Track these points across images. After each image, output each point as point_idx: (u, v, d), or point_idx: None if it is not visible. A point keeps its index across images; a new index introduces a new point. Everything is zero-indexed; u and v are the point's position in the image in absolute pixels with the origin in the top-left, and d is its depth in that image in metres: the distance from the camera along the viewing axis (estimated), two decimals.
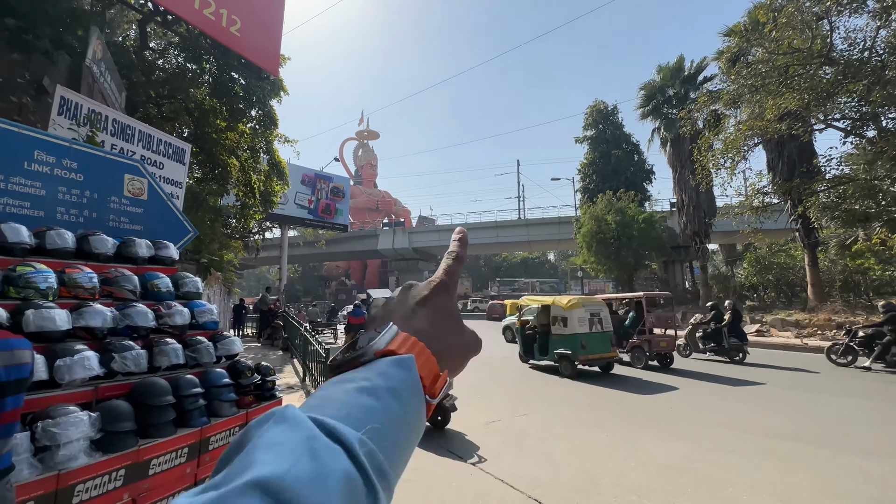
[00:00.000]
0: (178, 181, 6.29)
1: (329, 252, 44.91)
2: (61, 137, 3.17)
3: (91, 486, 1.84)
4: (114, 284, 2.67)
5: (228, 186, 12.19)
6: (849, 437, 4.52)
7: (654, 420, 5.19)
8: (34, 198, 2.84)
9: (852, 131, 12.12)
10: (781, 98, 11.10)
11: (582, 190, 28.77)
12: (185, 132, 11.61)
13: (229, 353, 2.99)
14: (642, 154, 27.83)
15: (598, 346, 8.17)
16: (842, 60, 10.29)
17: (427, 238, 44.58)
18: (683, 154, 21.47)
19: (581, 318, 8.21)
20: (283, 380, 6.85)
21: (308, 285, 59.71)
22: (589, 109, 28.98)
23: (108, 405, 2.06)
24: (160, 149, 6.00)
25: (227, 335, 3.10)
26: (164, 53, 11.87)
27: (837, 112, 11.77)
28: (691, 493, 3.21)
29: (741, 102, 12.82)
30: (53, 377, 1.99)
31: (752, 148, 14.27)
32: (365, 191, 59.78)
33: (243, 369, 2.87)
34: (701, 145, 15.15)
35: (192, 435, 2.34)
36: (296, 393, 6.14)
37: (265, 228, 21.74)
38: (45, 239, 2.54)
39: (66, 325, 2.18)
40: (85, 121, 4.69)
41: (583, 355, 7.94)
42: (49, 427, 1.75)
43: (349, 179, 28.90)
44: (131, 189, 3.51)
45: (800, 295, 18.10)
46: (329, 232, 29.73)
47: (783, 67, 10.91)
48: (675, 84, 22.88)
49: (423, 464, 3.81)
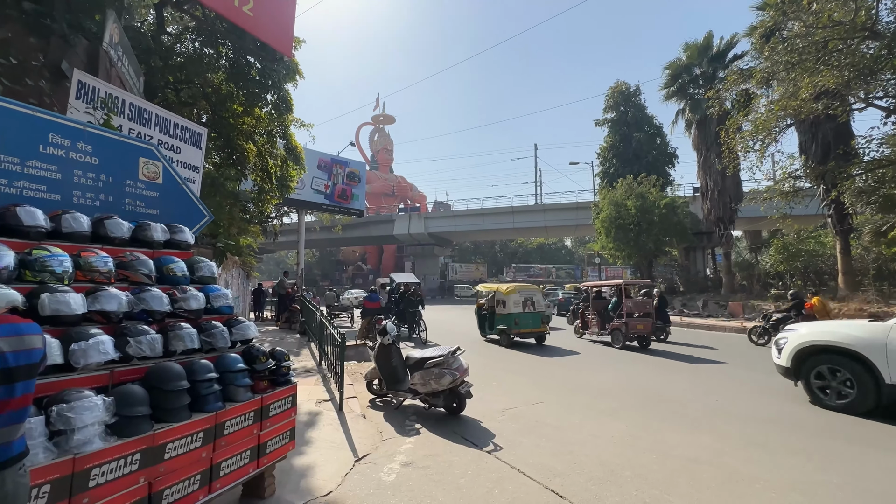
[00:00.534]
0: (195, 165, 6.30)
1: (345, 237, 45.31)
2: (76, 120, 3.15)
3: (106, 469, 1.84)
4: (129, 268, 2.66)
5: (246, 171, 12.26)
6: (874, 432, 4.31)
7: (674, 410, 5.05)
8: (50, 181, 2.84)
9: (895, 110, 11.37)
10: (819, 75, 10.44)
11: (601, 174, 28.07)
12: (204, 118, 11.67)
13: (244, 338, 2.98)
14: (665, 137, 26.91)
15: (529, 323, 10.41)
16: (888, 33, 9.59)
17: (443, 223, 44.46)
18: (709, 136, 20.65)
19: (516, 301, 10.37)
20: (300, 363, 6.94)
21: (325, 270, 60.55)
22: (610, 91, 28.05)
23: (123, 389, 2.05)
24: (177, 133, 6.01)
25: (241, 320, 3.09)
26: (181, 38, 11.86)
27: (880, 90, 11.05)
28: (716, 488, 3.10)
29: (774, 81, 12.14)
30: (69, 361, 1.98)
31: (784, 129, 13.58)
32: (381, 176, 59.72)
33: (258, 354, 2.85)
34: (729, 127, 14.48)
35: (207, 420, 2.33)
36: (312, 377, 6.21)
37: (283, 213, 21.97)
38: (61, 222, 2.53)
39: (82, 308, 2.17)
40: (101, 104, 4.69)
41: (516, 330, 10.28)
42: (64, 411, 1.74)
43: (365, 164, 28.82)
44: (146, 173, 3.49)
45: (829, 283, 17.40)
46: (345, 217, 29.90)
47: (822, 42, 10.23)
48: (702, 63, 21.85)
49: (438, 451, 3.79)
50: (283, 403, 2.92)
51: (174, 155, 5.92)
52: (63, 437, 1.75)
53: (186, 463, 2.21)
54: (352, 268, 57.95)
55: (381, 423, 4.55)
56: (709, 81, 21.31)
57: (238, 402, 2.58)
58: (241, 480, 2.62)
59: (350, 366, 7.34)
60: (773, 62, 11.39)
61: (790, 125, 13.75)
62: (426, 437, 4.15)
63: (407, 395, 4.92)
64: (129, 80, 7.56)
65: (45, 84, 5.48)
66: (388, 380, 5.05)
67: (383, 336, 5.07)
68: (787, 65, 10.96)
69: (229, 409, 2.49)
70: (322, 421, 4.42)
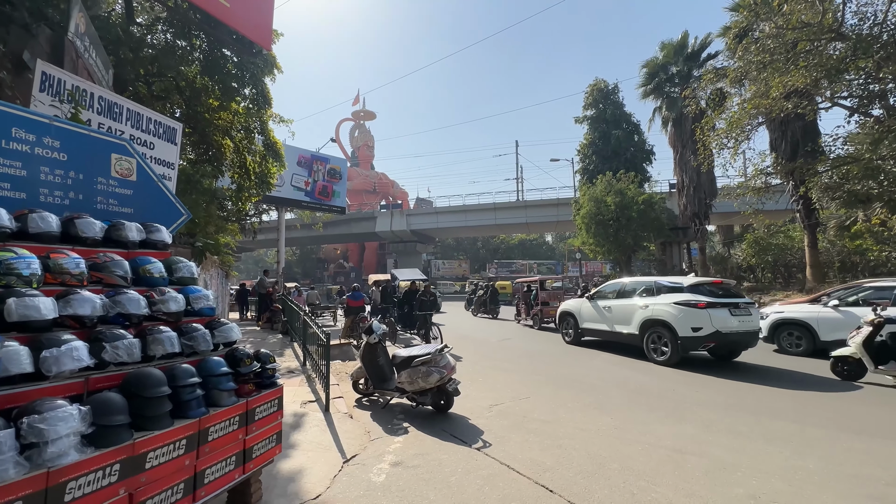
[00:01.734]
0: (170, 162, 6.07)
1: (327, 234, 44.70)
2: (41, 114, 2.98)
3: (84, 482, 1.75)
4: (103, 270, 2.53)
5: (223, 168, 11.91)
6: (846, 418, 4.52)
7: (658, 402, 5.17)
8: (14, 178, 2.68)
9: (858, 110, 11.88)
10: (788, 75, 10.81)
11: (581, 171, 28.44)
12: (178, 112, 11.27)
13: (227, 340, 2.88)
14: (643, 134, 27.43)
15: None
16: (853, 35, 9.99)
17: (425, 220, 44.36)
18: (685, 134, 21.17)
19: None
20: (284, 364, 6.80)
21: (306, 268, 59.61)
22: (589, 88, 28.39)
23: (100, 398, 1.95)
24: (150, 128, 5.77)
25: (224, 322, 2.99)
26: (152, 29, 11.38)
27: (845, 90, 11.51)
28: (700, 477, 3.18)
29: (746, 80, 12.51)
30: (40, 369, 1.87)
31: (756, 127, 14.02)
32: (362, 172, 59.06)
33: (242, 357, 2.76)
34: (704, 125, 14.88)
35: (190, 426, 2.24)
36: (296, 377, 6.09)
37: (262, 211, 21.48)
38: (28, 222, 2.39)
39: (53, 313, 2.05)
40: (68, 97, 4.46)
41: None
42: (35, 423, 1.64)
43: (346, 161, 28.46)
44: (119, 169, 3.34)
45: (797, 276, 18.13)
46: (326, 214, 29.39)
47: (792, 43, 10.59)
48: (678, 62, 22.36)
49: (427, 449, 3.77)
50: (268, 407, 2.84)
51: (147, 151, 5.69)
52: (35, 451, 1.64)
53: (169, 472, 2.12)
54: (333, 266, 57.19)
55: (369, 422, 4.50)
56: (684, 80, 21.83)
57: (222, 406, 2.49)
58: (227, 487, 2.53)
59: (335, 365, 7.24)
60: (745, 62, 11.74)
61: (761, 123, 14.19)
62: (415, 435, 4.12)
63: (394, 394, 4.88)
64: (97, 73, 7.21)
65: (6, 76, 5.18)
66: (375, 379, 4.99)
67: (369, 335, 5.01)
68: (758, 65, 11.31)
69: (213, 414, 2.40)
70: (308, 422, 4.34)
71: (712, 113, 14.96)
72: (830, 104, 12.33)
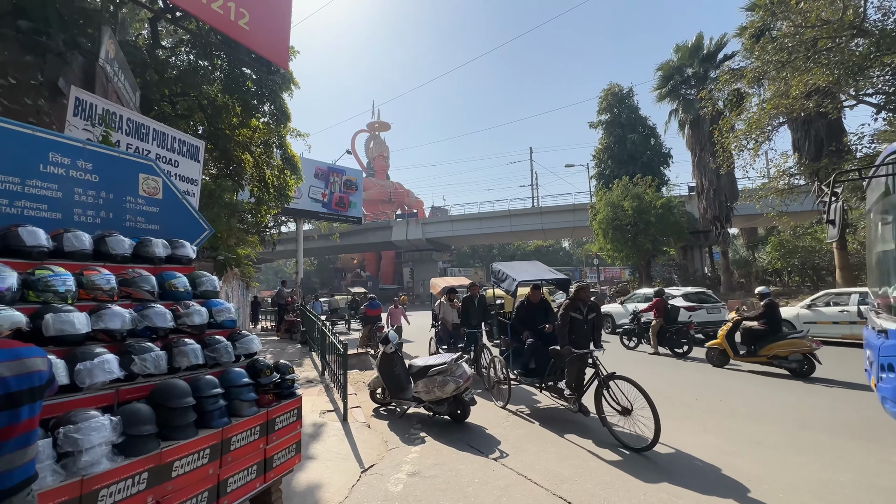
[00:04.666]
0: (193, 179, 6.31)
1: (344, 244, 45.25)
2: (75, 138, 3.16)
3: (115, 490, 1.83)
4: (132, 285, 2.66)
5: (243, 182, 12.29)
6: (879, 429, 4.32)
7: (678, 410, 5.05)
8: (51, 200, 2.84)
9: (885, 106, 11.49)
10: (809, 74, 10.55)
11: (597, 176, 28.17)
12: (200, 130, 11.71)
13: (248, 352, 2.98)
14: (659, 137, 27.08)
15: None
16: (876, 31, 9.71)
17: (440, 228, 44.48)
18: (703, 136, 20.81)
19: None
20: (303, 374, 6.91)
21: (324, 278, 60.40)
22: (603, 93, 28.22)
23: (129, 408, 2.05)
24: (175, 147, 6.02)
25: (245, 333, 3.08)
26: (175, 51, 11.91)
27: (870, 87, 11.16)
28: (724, 490, 3.09)
29: (765, 80, 12.26)
30: (74, 381, 1.98)
31: (777, 127, 13.69)
32: (377, 182, 59.80)
33: (262, 368, 2.85)
34: (722, 126, 14.61)
35: (213, 436, 2.32)
36: (315, 387, 6.18)
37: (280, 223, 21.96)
38: (63, 241, 2.53)
39: (86, 327, 2.17)
40: (99, 121, 4.70)
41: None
42: (71, 433, 1.73)
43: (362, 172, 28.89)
44: (146, 188, 3.50)
45: (826, 279, 17.48)
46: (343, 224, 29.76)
47: (811, 41, 10.35)
48: (693, 63, 22.08)
49: (444, 459, 3.78)
50: (288, 416, 2.91)
51: (172, 168, 5.93)
52: (70, 459, 1.74)
53: (194, 480, 2.19)
54: (350, 275, 57.83)
55: (386, 432, 4.54)
56: (700, 82, 21.50)
57: (243, 416, 2.57)
58: (249, 496, 2.60)
59: (352, 374, 7.31)
60: (763, 61, 11.51)
61: (782, 123, 13.85)
62: (431, 445, 4.14)
63: (411, 404, 4.91)
64: (125, 95, 7.57)
65: (44, 103, 5.49)
66: (392, 388, 5.03)
67: (385, 344, 5.06)
68: (777, 64, 11.08)
69: (235, 424, 2.48)
70: (327, 432, 4.41)
71: (730, 114, 14.68)
72: (856, 102, 11.95)
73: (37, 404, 1.32)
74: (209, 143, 11.20)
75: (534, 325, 5.47)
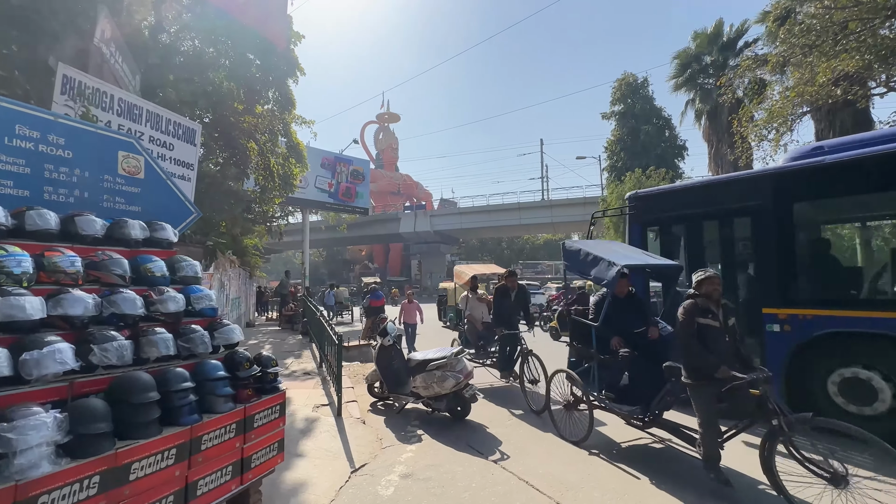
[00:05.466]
0: (188, 163, 6.12)
1: (352, 236, 45.25)
2: (44, 111, 2.95)
3: (58, 496, 1.62)
4: (101, 269, 2.45)
5: (248, 171, 12.14)
6: None
7: None
8: (17, 176, 2.64)
9: None
10: (837, 59, 9.97)
11: (609, 168, 27.54)
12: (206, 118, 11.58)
13: (228, 342, 2.77)
14: (674, 129, 26.32)
15: None
16: None
17: (449, 221, 44.19)
18: (721, 127, 20.12)
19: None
20: (301, 365, 6.73)
21: (332, 269, 60.60)
22: (617, 83, 27.47)
23: (80, 404, 1.83)
24: (169, 129, 5.83)
25: (226, 323, 2.87)
26: (180, 36, 11.72)
27: None
28: (745, 491, 2.82)
29: (789, 67, 11.66)
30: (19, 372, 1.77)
31: (800, 117, 13.07)
32: (386, 174, 59.55)
33: (241, 360, 2.63)
34: (741, 116, 14.01)
35: (180, 434, 2.11)
36: (312, 379, 6.00)
37: (287, 213, 21.87)
38: (25, 220, 2.33)
39: (40, 313, 1.96)
40: (77, 97, 4.50)
41: None
42: (4, 432, 1.53)
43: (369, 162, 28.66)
44: (126, 167, 3.29)
45: None
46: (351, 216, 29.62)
47: (841, 24, 9.76)
48: (712, 51, 21.28)
49: (440, 460, 3.55)
50: (269, 413, 2.70)
51: (166, 151, 5.75)
52: (4, 462, 1.53)
53: (156, 483, 1.99)
54: (359, 267, 57.88)
55: (382, 428, 4.33)
56: (719, 70, 20.73)
57: (217, 413, 2.36)
58: (224, 498, 2.39)
59: (353, 367, 7.14)
60: (789, 45, 10.93)
61: (806, 112, 13.21)
62: (428, 444, 3.92)
63: (409, 399, 4.69)
64: (123, 78, 7.39)
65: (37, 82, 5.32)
66: (390, 382, 4.82)
67: (383, 336, 4.84)
68: (803, 48, 10.50)
69: (207, 421, 2.27)
70: (319, 428, 4.21)
71: (749, 103, 14.08)
72: (886, 89, 11.32)
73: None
74: (214, 130, 11.07)
75: (625, 327, 3.87)
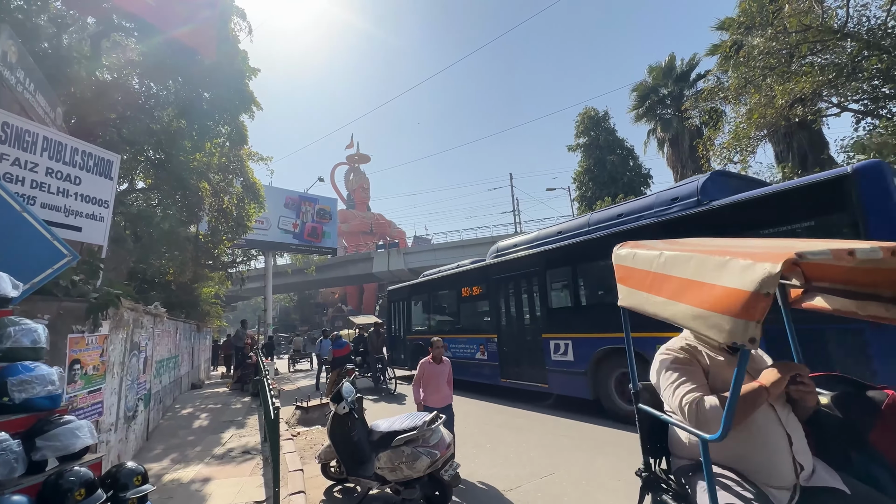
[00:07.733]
0: (102, 199, 5.12)
1: (324, 278, 43.60)
2: None
3: None
4: None
5: (201, 213, 11.10)
6: None
7: None
8: None
9: (870, 112, 11.19)
10: (792, 82, 10.19)
11: (579, 199, 27.80)
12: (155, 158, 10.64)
13: (66, 452, 1.77)
14: (638, 158, 27.04)
15: None
16: (863, 34, 9.43)
17: (423, 258, 43.35)
18: (684, 154, 20.66)
19: None
20: (241, 440, 5.47)
21: (305, 313, 58.05)
22: (580, 117, 28.31)
23: None
24: (76, 160, 4.86)
25: (69, 419, 1.87)
26: (123, 72, 10.89)
27: (853, 92, 10.87)
28: None
29: (751, 88, 11.93)
30: None
31: (761, 140, 13.34)
32: (358, 214, 58.89)
33: (72, 486, 1.63)
34: (704, 141, 14.23)
35: None
36: (251, 460, 4.77)
37: (250, 257, 20.51)
38: None
39: None
40: None
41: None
42: None
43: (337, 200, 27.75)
44: None
45: None
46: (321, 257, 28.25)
47: (795, 45, 10.04)
48: (668, 84, 22.27)
49: None
50: None
51: (70, 186, 4.76)
52: None
53: None
54: (332, 310, 55.66)
55: None
56: (676, 101, 21.59)
57: None
58: None
59: (312, 433, 5.97)
60: (750, 67, 11.18)
61: (765, 136, 13.52)
62: None
63: (373, 484, 3.63)
64: (36, 109, 6.43)
65: None
66: (348, 462, 3.76)
67: (338, 403, 3.82)
68: (763, 70, 10.73)
69: None
70: None
71: (709, 131, 14.36)
72: (840, 110, 11.66)
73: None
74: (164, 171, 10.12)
75: None
